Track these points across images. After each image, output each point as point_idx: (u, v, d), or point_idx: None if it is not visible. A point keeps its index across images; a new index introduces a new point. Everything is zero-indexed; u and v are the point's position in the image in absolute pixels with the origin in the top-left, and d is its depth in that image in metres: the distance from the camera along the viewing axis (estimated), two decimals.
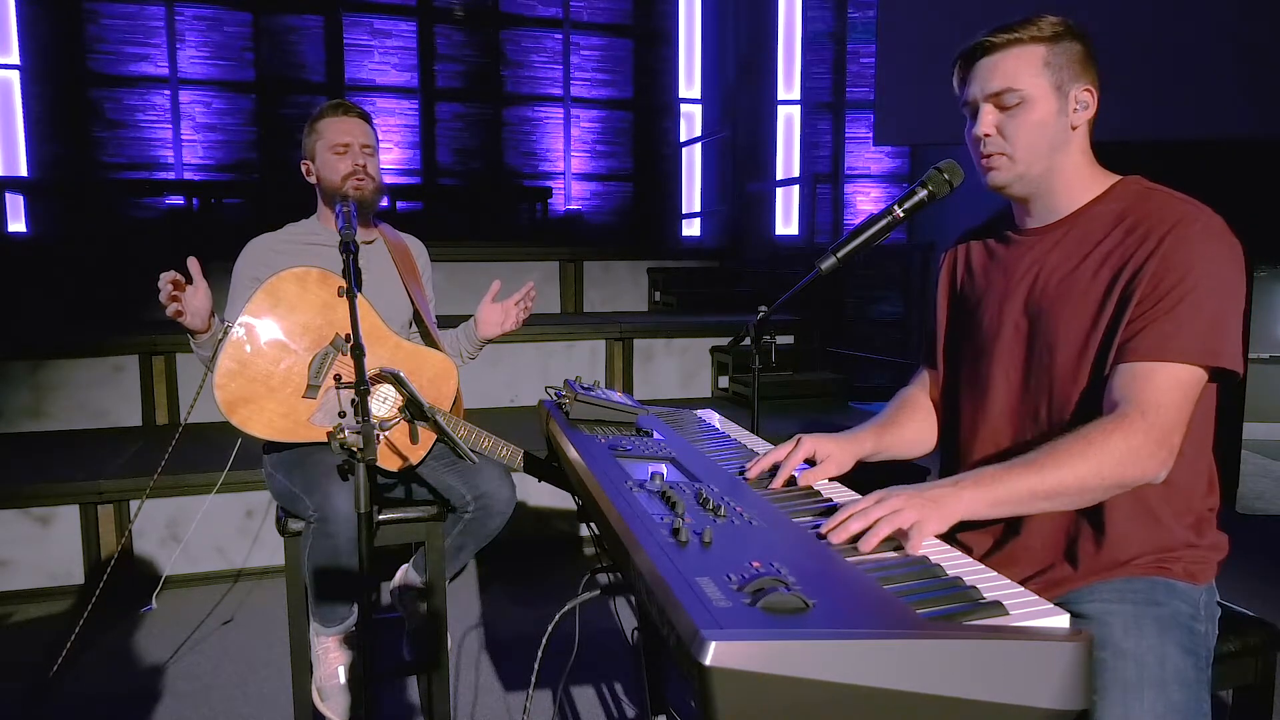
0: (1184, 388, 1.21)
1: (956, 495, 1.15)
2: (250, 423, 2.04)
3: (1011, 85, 1.31)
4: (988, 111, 1.35)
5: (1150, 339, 1.21)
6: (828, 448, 1.44)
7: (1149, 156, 1.45)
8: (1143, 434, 1.17)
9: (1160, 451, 1.19)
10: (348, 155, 2.22)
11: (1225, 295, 1.22)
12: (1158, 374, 1.20)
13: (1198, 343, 1.20)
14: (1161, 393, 1.19)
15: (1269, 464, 5.30)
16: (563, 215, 8.39)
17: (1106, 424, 1.19)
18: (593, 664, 2.66)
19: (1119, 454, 1.17)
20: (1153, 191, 1.32)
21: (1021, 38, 1.32)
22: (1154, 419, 1.18)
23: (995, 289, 1.45)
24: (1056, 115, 1.32)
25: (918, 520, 1.10)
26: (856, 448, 1.49)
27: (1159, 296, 1.22)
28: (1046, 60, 1.31)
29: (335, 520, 1.99)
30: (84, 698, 2.54)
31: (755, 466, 1.39)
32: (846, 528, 1.09)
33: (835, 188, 8.47)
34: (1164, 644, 1.18)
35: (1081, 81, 1.33)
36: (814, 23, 8.21)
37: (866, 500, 1.14)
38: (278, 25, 7.59)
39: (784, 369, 5.17)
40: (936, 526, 1.12)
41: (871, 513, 1.10)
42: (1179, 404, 1.20)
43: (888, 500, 1.12)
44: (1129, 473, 1.18)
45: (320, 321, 2.09)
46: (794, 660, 0.75)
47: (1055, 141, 1.33)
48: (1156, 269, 1.23)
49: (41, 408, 4.08)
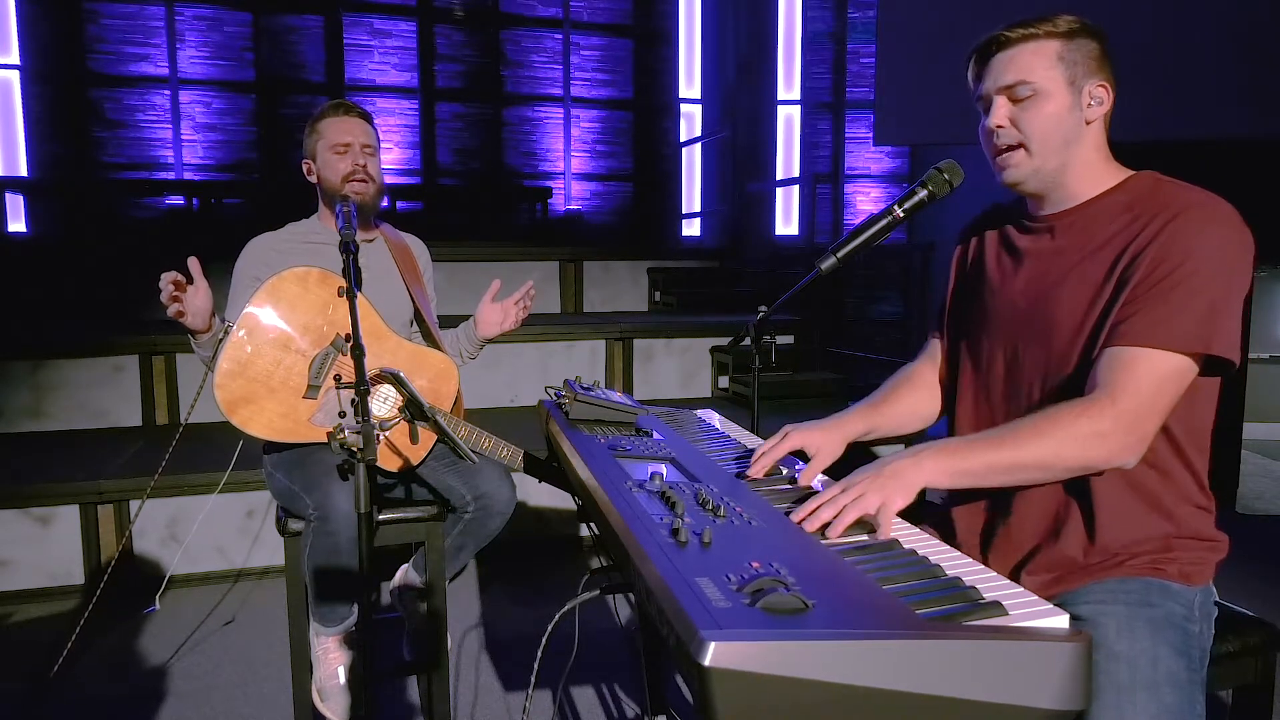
0: (1166, 375, 1.20)
1: (917, 466, 1.19)
2: (250, 423, 2.04)
3: (1025, 78, 1.31)
4: (1001, 104, 1.34)
5: (1140, 324, 1.21)
6: (815, 439, 1.45)
7: (1149, 157, 1.44)
8: (1111, 419, 1.17)
9: (1128, 438, 1.19)
10: (348, 155, 2.22)
11: (1225, 282, 1.20)
12: (1140, 360, 1.20)
13: (1189, 329, 1.19)
14: (1138, 379, 1.19)
15: (1269, 464, 5.30)
16: (563, 215, 8.39)
17: (1076, 405, 1.20)
18: (593, 664, 2.67)
19: (1082, 436, 1.18)
20: (1164, 183, 1.32)
21: (1036, 33, 1.31)
22: (1125, 404, 1.18)
23: (1000, 269, 1.46)
24: (1070, 109, 1.31)
25: (882, 501, 1.14)
26: (845, 432, 1.50)
27: (1155, 280, 1.21)
28: (1061, 55, 1.31)
29: (335, 519, 1.99)
30: (84, 698, 2.54)
31: (753, 468, 1.41)
32: (817, 516, 1.14)
33: (835, 188, 8.47)
34: (1156, 645, 1.18)
35: (1096, 78, 1.32)
36: (814, 23, 8.20)
37: (833, 488, 1.18)
38: (278, 25, 7.59)
39: (784, 369, 5.17)
40: (902, 501, 1.16)
41: (839, 500, 1.15)
42: (1155, 391, 1.19)
43: (852, 486, 1.16)
44: (1091, 455, 1.19)
45: (321, 321, 2.10)
46: (793, 660, 0.75)
47: (1069, 135, 1.32)
48: (1156, 253, 1.22)
49: (41, 408, 4.08)
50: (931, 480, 1.19)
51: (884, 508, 1.14)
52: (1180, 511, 1.30)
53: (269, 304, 2.06)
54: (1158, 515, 1.29)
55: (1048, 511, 1.33)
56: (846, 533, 1.12)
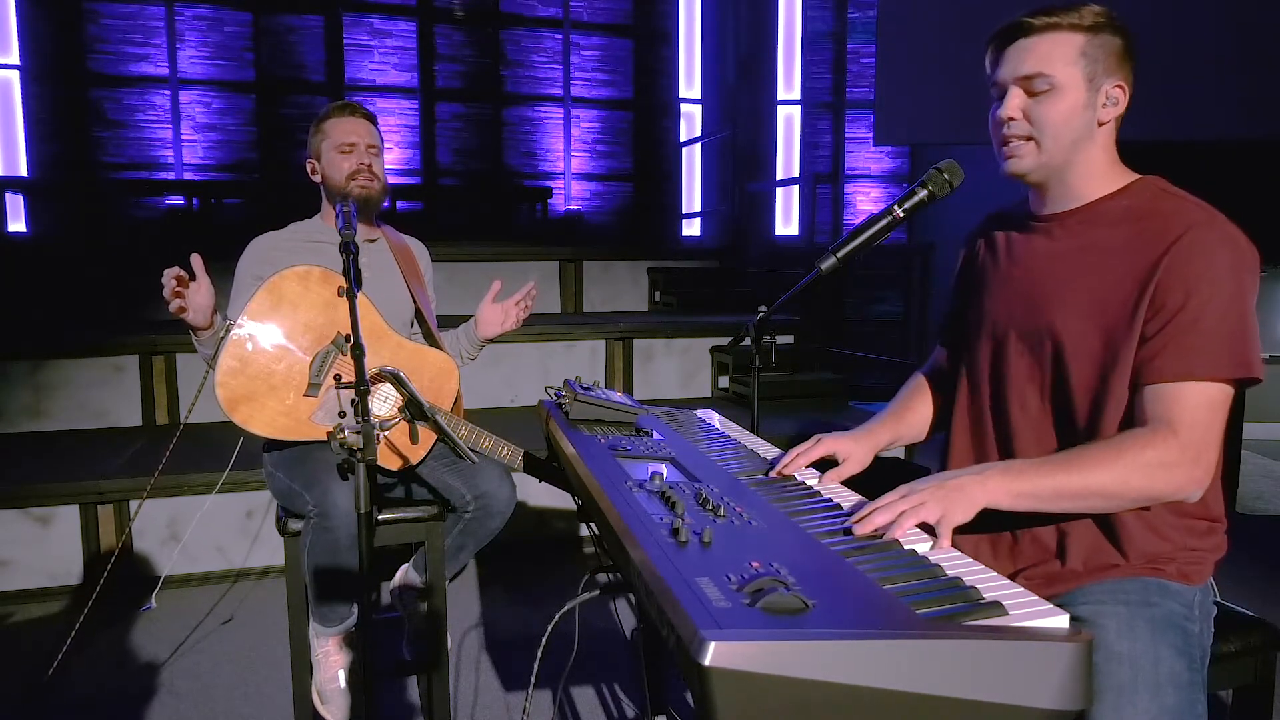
0: (1215, 405, 1.20)
1: (981, 484, 1.18)
2: (251, 421, 2.04)
3: (1043, 70, 1.28)
4: (1015, 95, 1.32)
5: (1174, 357, 1.20)
6: (847, 447, 1.47)
7: (1148, 157, 1.44)
8: (1177, 450, 1.17)
9: (1195, 470, 1.18)
10: (353, 154, 2.24)
11: (1242, 304, 1.21)
12: (1186, 393, 1.19)
13: (1225, 357, 1.19)
14: (1192, 410, 1.19)
15: (1269, 464, 5.30)
16: (563, 215, 8.38)
17: (1140, 435, 1.19)
18: (593, 664, 2.67)
19: (1150, 466, 1.17)
20: (1168, 193, 1.31)
21: (1060, 23, 1.28)
22: (1187, 437, 1.18)
23: (1003, 272, 1.45)
24: (1084, 108, 1.29)
25: (943, 513, 1.13)
26: (873, 442, 1.52)
27: (1174, 310, 1.20)
28: (1083, 50, 1.28)
29: (335, 516, 1.99)
30: (84, 698, 2.54)
31: (781, 466, 1.42)
32: (870, 520, 1.13)
33: (835, 188, 8.47)
34: (1157, 645, 1.17)
35: (1114, 77, 1.30)
36: (814, 23, 8.21)
37: (892, 495, 1.17)
38: (278, 25, 7.58)
39: (784, 369, 5.17)
40: (962, 516, 1.15)
41: (896, 506, 1.14)
42: (1210, 422, 1.19)
43: (912, 494, 1.15)
44: (1158, 485, 1.18)
45: (322, 320, 2.10)
46: (793, 660, 0.75)
47: (1079, 135, 1.30)
48: (1168, 280, 1.21)
49: (41, 408, 4.08)
50: (993, 499, 1.18)
51: (944, 519, 1.13)
52: (1184, 520, 1.30)
53: (270, 302, 2.06)
54: (1165, 528, 1.29)
55: (1052, 528, 1.32)
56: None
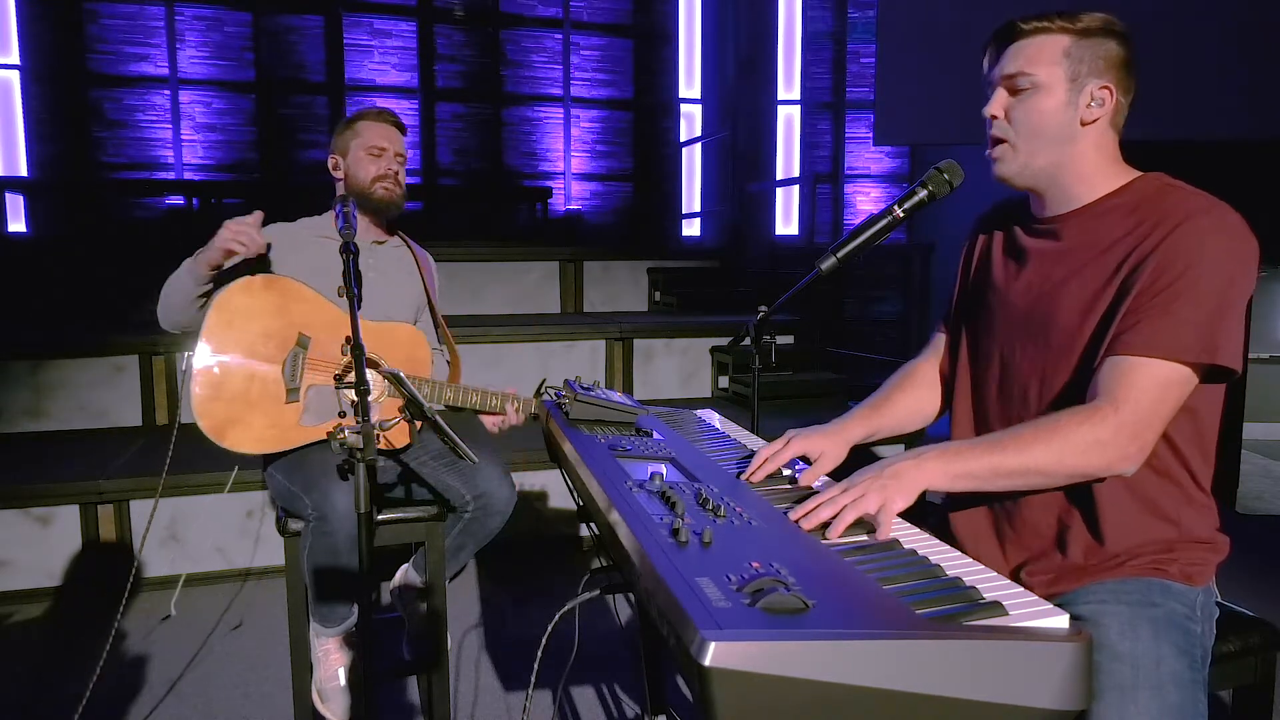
0: (1167, 385, 1.19)
1: (919, 467, 1.19)
2: (241, 443, 2.06)
3: (1025, 69, 1.30)
4: (1000, 94, 1.35)
5: (1143, 334, 1.20)
6: (819, 444, 1.45)
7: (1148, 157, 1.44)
8: (1113, 427, 1.17)
9: (1128, 447, 1.18)
10: (383, 159, 2.27)
11: (1227, 291, 1.20)
12: (1141, 370, 1.19)
13: (1192, 340, 1.18)
14: (1140, 389, 1.19)
15: (1269, 464, 5.30)
16: (563, 215, 8.38)
17: (1079, 412, 1.20)
18: (593, 664, 2.67)
19: (1083, 443, 1.18)
20: (1171, 186, 1.30)
21: (1050, 26, 1.30)
22: (1126, 414, 1.18)
23: (1005, 268, 1.45)
24: (1064, 107, 1.30)
25: (883, 502, 1.15)
26: (846, 437, 1.50)
27: (1158, 290, 1.20)
28: (1068, 51, 1.29)
29: (334, 519, 1.99)
30: (82, 697, 2.53)
31: (750, 471, 1.40)
32: (816, 515, 1.14)
33: (835, 188, 8.47)
34: (1159, 645, 1.17)
35: (1102, 79, 1.30)
36: (814, 23, 8.21)
37: (836, 488, 1.18)
38: (278, 25, 7.58)
39: (784, 369, 5.17)
40: (903, 502, 1.17)
41: (838, 500, 1.15)
42: (1157, 401, 1.19)
43: (853, 487, 1.17)
44: (1091, 462, 1.19)
45: (279, 324, 2.10)
46: (793, 660, 0.75)
47: (1060, 134, 1.31)
48: (1159, 262, 1.21)
49: (41, 408, 4.08)
50: (932, 482, 1.20)
51: (884, 508, 1.14)
52: (1182, 514, 1.30)
53: (223, 320, 2.06)
54: (1160, 519, 1.29)
55: (1050, 515, 1.33)
56: (846, 533, 1.13)
